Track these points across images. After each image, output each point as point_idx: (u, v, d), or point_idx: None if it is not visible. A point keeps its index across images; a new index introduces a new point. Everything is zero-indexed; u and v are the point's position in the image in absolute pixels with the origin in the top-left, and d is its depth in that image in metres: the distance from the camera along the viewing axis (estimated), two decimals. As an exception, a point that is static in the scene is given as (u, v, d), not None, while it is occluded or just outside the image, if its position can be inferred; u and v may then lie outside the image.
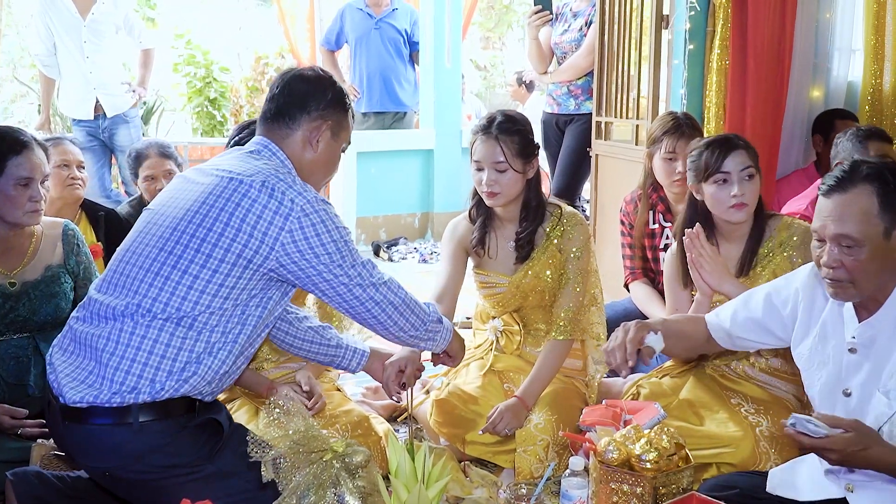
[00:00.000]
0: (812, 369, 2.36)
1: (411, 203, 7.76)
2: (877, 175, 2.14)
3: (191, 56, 8.60)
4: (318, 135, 2.49)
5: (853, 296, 2.21)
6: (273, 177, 2.34)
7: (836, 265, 2.17)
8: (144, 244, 2.36)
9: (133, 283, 2.31)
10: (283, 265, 2.32)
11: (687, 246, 2.99)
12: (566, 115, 5.48)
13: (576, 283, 3.23)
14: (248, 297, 2.35)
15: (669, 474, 2.50)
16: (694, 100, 4.50)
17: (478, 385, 3.28)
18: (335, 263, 2.35)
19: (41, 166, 2.94)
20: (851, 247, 2.14)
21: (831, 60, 4.71)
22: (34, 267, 3.01)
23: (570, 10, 5.43)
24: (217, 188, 2.33)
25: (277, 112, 2.50)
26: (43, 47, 6.07)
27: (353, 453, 2.27)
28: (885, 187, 2.13)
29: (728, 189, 3.01)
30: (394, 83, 7.37)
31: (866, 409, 2.21)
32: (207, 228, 2.29)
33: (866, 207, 2.12)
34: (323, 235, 2.33)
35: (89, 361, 2.28)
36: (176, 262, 2.28)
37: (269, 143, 2.48)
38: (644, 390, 3.19)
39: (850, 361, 2.26)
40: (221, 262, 2.28)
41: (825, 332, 2.33)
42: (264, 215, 2.29)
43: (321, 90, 2.51)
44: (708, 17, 4.45)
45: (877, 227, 2.12)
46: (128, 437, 2.23)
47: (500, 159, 3.12)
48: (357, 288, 2.40)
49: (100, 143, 6.12)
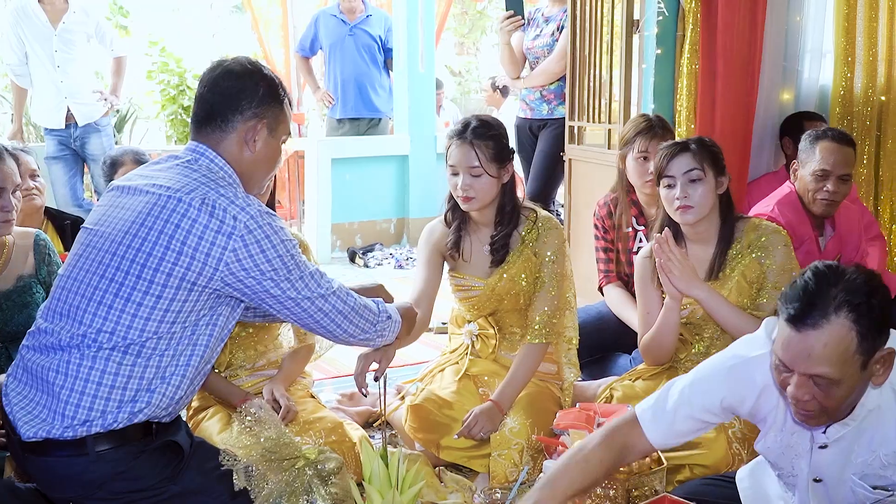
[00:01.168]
0: (784, 463, 2.23)
1: (387, 209, 7.75)
2: (853, 303, 1.87)
3: (164, 64, 8.56)
4: (255, 134, 2.35)
5: (822, 423, 2.03)
6: (213, 192, 2.23)
7: (808, 398, 1.94)
8: (84, 270, 2.26)
9: (77, 312, 2.22)
10: (229, 284, 2.23)
11: (655, 251, 3.01)
12: (539, 120, 5.50)
13: (551, 286, 3.24)
14: (197, 318, 2.26)
15: (642, 476, 2.52)
16: (664, 103, 4.52)
17: (453, 390, 3.29)
18: (282, 279, 2.26)
19: (12, 176, 2.92)
20: (827, 384, 1.92)
21: (802, 63, 4.73)
22: (6, 277, 3.00)
23: (542, 16, 5.45)
24: (155, 208, 2.22)
25: (208, 114, 2.35)
26: (14, 57, 6.04)
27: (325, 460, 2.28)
28: (863, 317, 1.87)
29: (674, 192, 3.05)
30: (368, 89, 7.38)
31: (843, 494, 2.13)
32: (147, 253, 2.19)
33: (844, 346, 1.87)
34: (268, 251, 2.23)
35: (41, 395, 2.22)
36: (118, 290, 2.19)
37: (206, 148, 2.34)
38: (617, 393, 3.21)
39: (820, 458, 2.13)
40: (165, 287, 2.18)
41: (793, 437, 2.16)
42: (206, 235, 2.18)
43: (252, 86, 2.34)
44: (678, 21, 4.49)
45: (856, 363, 1.89)
46: (86, 466, 2.18)
47: (475, 164, 3.13)
48: (305, 301, 2.31)
49: (71, 152, 6.08)
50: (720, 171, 3.08)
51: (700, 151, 3.05)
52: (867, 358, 1.90)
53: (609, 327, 3.84)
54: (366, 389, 2.79)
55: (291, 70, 9.38)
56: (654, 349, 3.17)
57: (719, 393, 2.19)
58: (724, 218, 3.12)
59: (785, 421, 2.15)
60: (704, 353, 3.14)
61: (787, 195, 3.74)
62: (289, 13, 9.48)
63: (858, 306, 1.87)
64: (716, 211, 3.11)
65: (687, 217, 3.06)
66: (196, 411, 3.20)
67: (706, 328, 3.15)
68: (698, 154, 3.05)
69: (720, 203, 3.11)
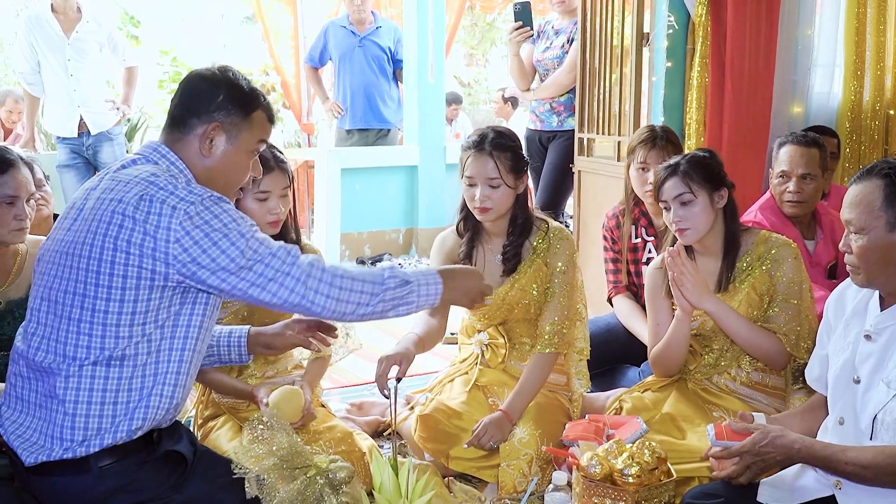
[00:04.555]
0: (833, 356, 2.45)
1: (395, 219, 7.76)
2: (888, 172, 2.26)
3: (176, 73, 8.62)
4: (210, 139, 2.30)
5: (862, 281, 2.34)
6: (152, 185, 2.16)
7: (847, 250, 2.32)
8: (49, 287, 2.23)
9: (52, 332, 2.19)
10: (185, 275, 2.15)
11: (669, 264, 3.02)
12: (549, 132, 5.52)
13: (561, 296, 3.25)
14: (169, 317, 2.21)
15: (651, 488, 2.52)
16: (674, 116, 4.54)
17: (462, 400, 3.29)
18: (235, 263, 2.14)
19: (26, 184, 2.94)
20: (857, 233, 2.28)
21: (812, 77, 4.75)
22: (19, 285, 3.01)
23: (553, 28, 5.48)
24: (98, 213, 2.17)
25: (173, 116, 2.34)
26: (27, 65, 6.09)
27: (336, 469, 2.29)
28: (893, 184, 2.24)
29: (670, 215, 3.10)
30: (377, 100, 7.39)
31: (869, 397, 2.28)
32: (97, 259, 2.13)
33: (871, 199, 2.25)
34: (213, 234, 2.13)
35: (35, 420, 2.20)
36: (83, 302, 2.15)
37: (161, 147, 2.31)
38: (626, 405, 3.21)
39: (864, 349, 2.33)
40: (124, 290, 2.13)
41: (849, 321, 2.43)
42: (147, 230, 2.12)
43: (213, 91, 2.30)
44: (688, 34, 4.50)
45: (879, 219, 2.24)
46: (89, 483, 2.17)
47: (494, 175, 3.15)
48: (272, 284, 2.16)
49: (83, 161, 6.12)
50: (716, 186, 3.08)
51: (690, 172, 3.05)
52: (891, 220, 2.23)
53: (618, 339, 3.85)
54: (387, 391, 2.79)
55: (301, 81, 9.42)
56: (663, 361, 3.17)
57: None
58: (728, 228, 3.13)
59: (845, 316, 2.45)
60: (713, 365, 3.15)
61: (767, 201, 3.90)
62: (299, 24, 9.52)
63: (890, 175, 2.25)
64: (719, 223, 3.12)
65: (685, 238, 3.09)
66: (205, 420, 3.20)
67: (716, 340, 3.15)
68: (687, 176, 3.05)
69: (724, 215, 3.13)
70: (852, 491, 2.25)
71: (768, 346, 3.02)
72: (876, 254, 2.26)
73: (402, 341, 3.11)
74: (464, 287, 2.47)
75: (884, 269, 2.28)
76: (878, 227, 2.24)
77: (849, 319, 2.43)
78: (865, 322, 2.36)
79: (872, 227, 2.25)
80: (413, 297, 2.32)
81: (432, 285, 2.35)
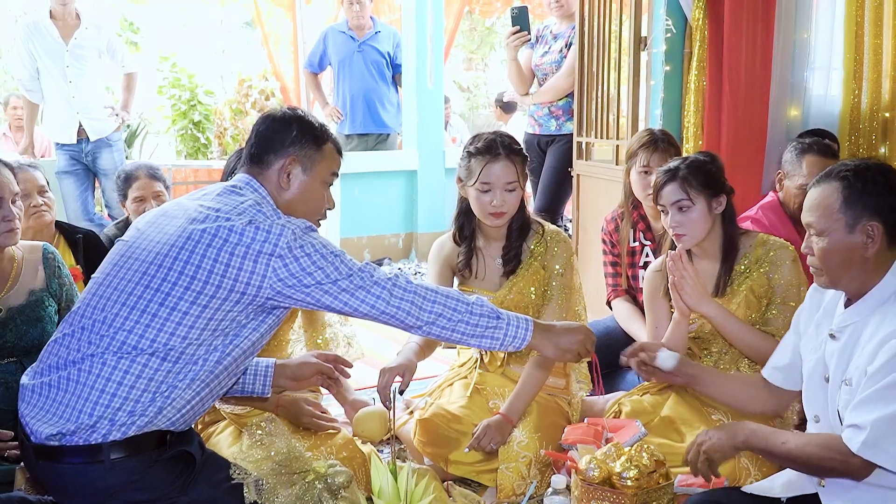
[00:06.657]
0: (806, 355, 2.47)
1: (395, 224, 7.78)
2: (846, 175, 2.29)
3: (176, 79, 8.60)
4: (288, 172, 2.51)
5: (826, 283, 2.36)
6: (259, 213, 2.37)
7: (809, 252, 2.36)
8: (121, 278, 2.34)
9: (115, 319, 2.28)
10: (278, 291, 2.31)
11: (670, 268, 3.03)
12: (548, 136, 5.53)
13: (559, 299, 3.26)
14: (238, 327, 2.35)
15: (650, 491, 2.52)
16: (672, 120, 4.54)
17: (461, 405, 3.29)
18: (330, 279, 2.32)
19: (9, 185, 2.93)
20: (817, 235, 2.31)
21: (810, 79, 4.75)
22: (18, 292, 3.01)
23: (551, 33, 5.49)
24: (205, 224, 2.33)
25: (254, 154, 2.54)
26: (26, 72, 6.09)
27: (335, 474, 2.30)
28: (850, 187, 2.27)
29: (668, 219, 3.11)
30: (377, 105, 7.40)
31: (835, 396, 2.30)
32: (196, 265, 2.28)
33: (830, 202, 2.28)
34: (313, 255, 2.32)
35: (64, 394, 2.26)
36: (164, 300, 2.27)
37: (251, 179, 2.51)
38: (625, 408, 3.21)
39: (830, 348, 2.35)
40: (212, 298, 2.28)
41: (820, 321, 2.45)
42: (252, 246, 2.29)
43: (285, 127, 2.54)
44: (685, 38, 4.51)
45: (838, 220, 2.27)
46: (100, 474, 2.22)
47: (513, 179, 3.17)
48: (361, 291, 2.35)
49: (83, 167, 6.13)
50: (715, 192, 3.09)
51: (689, 178, 3.06)
52: (850, 222, 2.26)
53: (617, 343, 3.84)
54: (390, 402, 2.81)
55: (300, 86, 9.43)
56: (662, 364, 3.18)
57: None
58: (726, 232, 3.14)
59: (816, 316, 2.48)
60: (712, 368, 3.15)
61: (770, 202, 3.89)
62: (298, 29, 9.53)
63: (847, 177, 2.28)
64: (717, 227, 3.13)
65: (682, 243, 3.10)
66: (206, 425, 3.20)
67: (714, 343, 3.16)
68: (686, 182, 3.06)
69: (722, 219, 3.13)
70: (835, 489, 2.26)
71: (766, 349, 3.02)
72: (837, 255, 2.29)
73: (403, 352, 3.12)
74: (566, 342, 2.58)
75: (846, 270, 2.30)
76: (838, 228, 2.28)
77: (820, 319, 2.45)
78: (832, 322, 2.39)
79: (832, 229, 2.28)
80: (500, 333, 2.47)
81: (521, 329, 2.49)
